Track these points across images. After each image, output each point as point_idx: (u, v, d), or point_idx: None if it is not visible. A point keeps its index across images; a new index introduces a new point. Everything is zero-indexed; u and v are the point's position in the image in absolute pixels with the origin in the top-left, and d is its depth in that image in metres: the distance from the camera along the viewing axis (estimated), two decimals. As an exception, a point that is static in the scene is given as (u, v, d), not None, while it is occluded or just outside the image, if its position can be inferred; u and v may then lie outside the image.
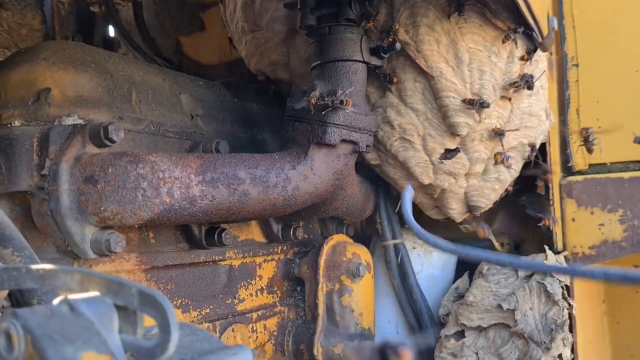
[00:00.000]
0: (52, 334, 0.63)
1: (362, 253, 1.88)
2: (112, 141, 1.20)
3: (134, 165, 1.18)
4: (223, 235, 1.50)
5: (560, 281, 1.78)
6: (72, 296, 0.69)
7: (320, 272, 1.79)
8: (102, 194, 1.17)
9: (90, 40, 2.81)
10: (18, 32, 2.66)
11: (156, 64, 2.61)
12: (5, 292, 0.95)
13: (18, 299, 0.98)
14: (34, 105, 1.25)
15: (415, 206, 2.00)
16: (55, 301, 0.69)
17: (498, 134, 1.72)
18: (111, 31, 2.78)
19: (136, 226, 1.30)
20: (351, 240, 1.96)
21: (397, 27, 1.60)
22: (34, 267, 0.79)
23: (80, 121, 1.27)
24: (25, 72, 1.29)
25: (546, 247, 1.87)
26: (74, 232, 1.18)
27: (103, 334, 0.66)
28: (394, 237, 2.07)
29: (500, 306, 1.79)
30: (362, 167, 1.88)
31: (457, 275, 2.11)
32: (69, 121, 1.26)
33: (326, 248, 1.82)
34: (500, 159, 1.76)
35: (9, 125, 1.24)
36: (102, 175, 1.17)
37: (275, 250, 1.81)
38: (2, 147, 1.22)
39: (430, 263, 2.10)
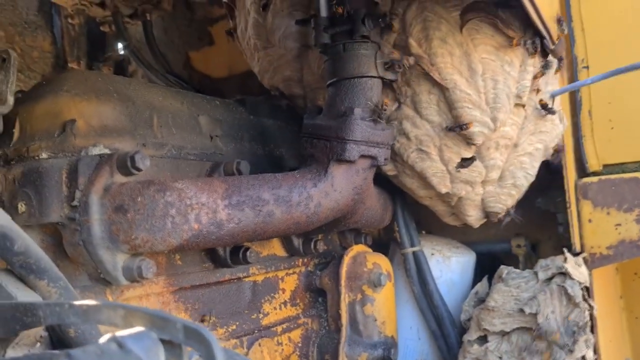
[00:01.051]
0: (104, 372, 0.66)
1: (383, 262, 1.89)
2: (139, 169, 1.22)
3: (161, 194, 1.21)
4: (247, 253, 1.52)
5: (580, 283, 1.80)
6: (119, 333, 0.72)
7: (342, 283, 1.81)
8: (132, 223, 1.19)
9: (101, 59, 2.85)
10: (30, 55, 2.70)
11: (167, 80, 2.64)
12: (43, 323, 0.97)
13: (55, 328, 1.01)
14: (60, 137, 1.27)
15: (432, 213, 2.02)
16: (103, 339, 0.71)
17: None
18: (121, 49, 2.81)
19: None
20: (371, 250, 1.97)
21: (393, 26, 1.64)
22: (76, 303, 0.81)
23: (106, 151, 1.29)
24: (50, 104, 1.31)
25: (564, 250, 1.89)
26: (106, 260, 1.21)
27: (151, 368, 0.69)
28: (412, 245, 2.09)
29: (522, 310, 1.80)
30: (379, 178, 1.90)
31: (476, 279, 2.13)
32: (95, 151, 1.28)
33: (347, 259, 1.83)
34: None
35: (37, 158, 1.26)
36: (131, 204, 1.19)
37: (297, 263, 1.82)
38: (32, 179, 1.24)
39: (449, 268, 2.12)
